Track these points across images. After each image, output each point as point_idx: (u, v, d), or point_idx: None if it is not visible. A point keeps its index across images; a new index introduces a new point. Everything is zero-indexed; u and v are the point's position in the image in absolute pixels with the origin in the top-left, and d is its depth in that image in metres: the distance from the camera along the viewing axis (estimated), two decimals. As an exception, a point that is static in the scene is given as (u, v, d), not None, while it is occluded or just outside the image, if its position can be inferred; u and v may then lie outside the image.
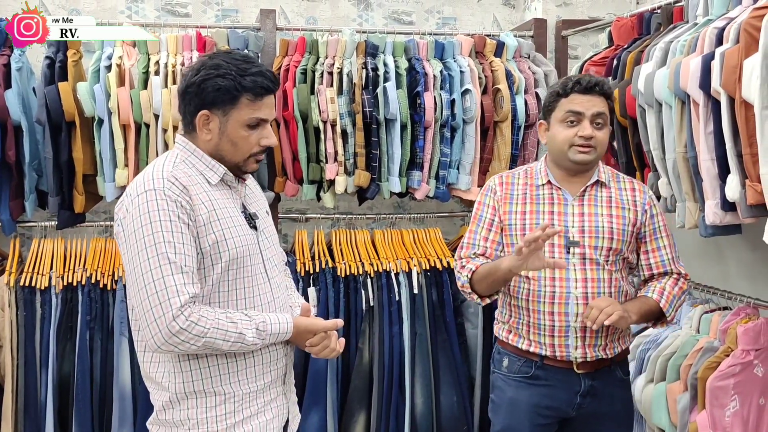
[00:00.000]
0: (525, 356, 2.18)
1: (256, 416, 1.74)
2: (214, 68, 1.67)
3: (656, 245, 2.20)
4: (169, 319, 1.57)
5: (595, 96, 2.10)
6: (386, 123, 3.09)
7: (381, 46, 3.18)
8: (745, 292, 2.53)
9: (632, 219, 2.16)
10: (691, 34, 2.35)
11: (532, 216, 2.16)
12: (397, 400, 3.20)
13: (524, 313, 2.16)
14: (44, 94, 2.85)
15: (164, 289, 1.57)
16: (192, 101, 1.70)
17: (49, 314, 2.98)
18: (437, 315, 3.28)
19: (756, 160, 1.98)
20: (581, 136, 2.08)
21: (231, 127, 1.70)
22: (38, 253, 3.10)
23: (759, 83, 1.91)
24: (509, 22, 3.82)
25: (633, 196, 2.20)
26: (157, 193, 1.61)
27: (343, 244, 3.36)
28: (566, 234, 2.12)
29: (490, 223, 2.22)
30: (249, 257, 1.73)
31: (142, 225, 1.60)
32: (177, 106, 2.84)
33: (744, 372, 2.33)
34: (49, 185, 2.92)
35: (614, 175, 2.25)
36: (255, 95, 1.69)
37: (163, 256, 1.58)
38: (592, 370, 2.15)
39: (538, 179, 2.20)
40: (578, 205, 2.16)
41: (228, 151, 1.73)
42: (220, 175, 1.73)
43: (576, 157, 2.11)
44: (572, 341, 2.11)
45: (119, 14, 3.42)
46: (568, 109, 2.10)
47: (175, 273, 1.58)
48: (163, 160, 1.72)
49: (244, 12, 3.54)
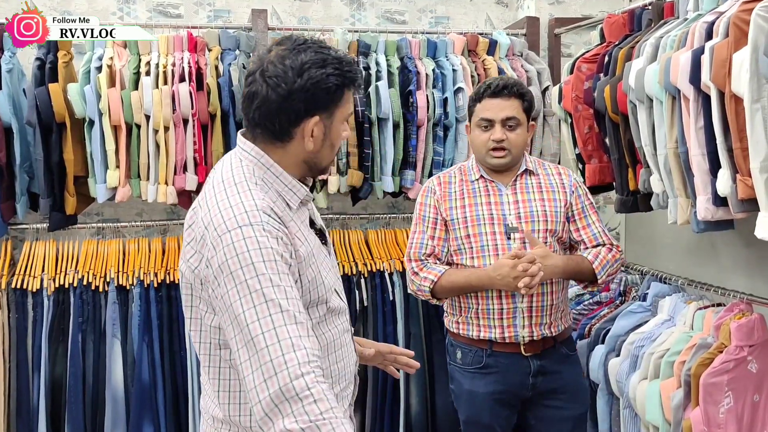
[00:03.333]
0: (476, 345, 2.33)
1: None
2: (320, 66, 1.41)
3: (586, 222, 2.37)
4: (288, 380, 1.25)
5: (504, 99, 2.25)
6: (379, 122, 3.09)
7: (373, 45, 3.18)
8: (739, 288, 2.52)
9: (563, 201, 2.34)
10: (681, 29, 2.34)
11: (471, 208, 2.32)
12: (391, 400, 3.19)
13: (473, 302, 2.31)
14: (34, 95, 2.84)
15: (278, 342, 1.27)
16: (295, 107, 1.41)
17: (41, 317, 2.97)
18: (431, 315, 3.27)
19: (746, 154, 1.97)
20: (493, 139, 2.26)
21: (335, 129, 1.47)
22: (30, 255, 3.10)
23: (748, 77, 1.90)
24: (502, 21, 3.82)
25: (560, 180, 2.38)
26: (254, 229, 1.33)
27: (336, 244, 3.36)
28: (505, 221, 2.29)
29: (434, 222, 2.36)
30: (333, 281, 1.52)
31: (242, 266, 1.31)
32: (167, 105, 2.88)
33: (738, 368, 2.31)
34: (41, 187, 2.92)
35: (540, 163, 2.43)
36: (354, 85, 1.47)
37: (274, 303, 1.30)
38: (539, 350, 2.32)
39: (471, 175, 2.37)
40: (512, 194, 2.33)
41: (326, 156, 1.50)
42: (301, 197, 1.48)
43: (491, 161, 2.30)
44: (519, 321, 2.28)
45: (111, 15, 3.41)
46: (480, 116, 2.29)
47: (289, 323, 1.29)
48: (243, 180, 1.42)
49: (236, 12, 3.54)
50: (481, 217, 2.31)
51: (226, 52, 3.07)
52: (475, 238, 2.31)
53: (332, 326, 1.54)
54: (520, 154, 2.33)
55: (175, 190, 2.96)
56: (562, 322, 2.38)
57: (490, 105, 2.27)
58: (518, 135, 2.29)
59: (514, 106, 2.27)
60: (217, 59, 3.04)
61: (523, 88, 2.33)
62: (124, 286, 3.05)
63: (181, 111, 2.91)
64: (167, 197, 2.96)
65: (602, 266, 2.32)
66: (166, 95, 2.91)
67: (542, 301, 2.30)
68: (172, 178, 2.96)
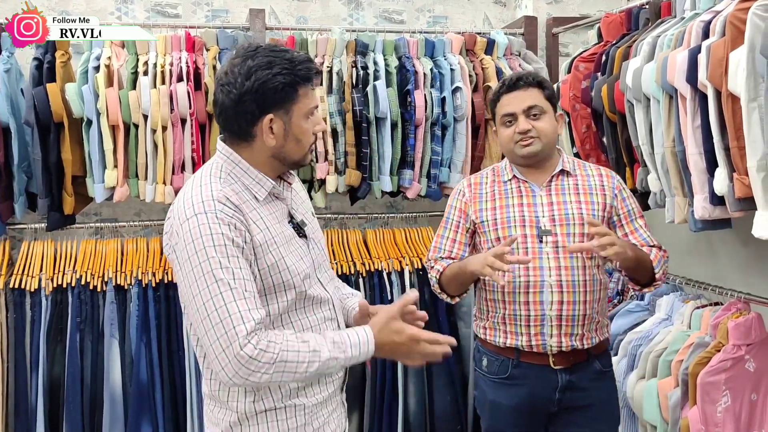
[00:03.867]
0: (502, 354, 2.20)
1: (323, 427, 1.66)
2: (267, 67, 1.52)
3: (633, 227, 2.21)
4: (237, 349, 1.44)
5: (521, 90, 2.15)
6: (376, 122, 3.09)
7: (371, 45, 3.18)
8: (737, 287, 2.52)
9: (602, 203, 2.18)
10: (678, 28, 2.35)
11: (503, 210, 2.20)
12: (390, 400, 3.19)
13: (500, 306, 2.18)
14: (32, 95, 2.84)
15: (228, 317, 1.45)
16: (249, 108, 1.54)
17: (39, 316, 2.97)
18: (430, 314, 3.22)
19: (743, 153, 1.97)
20: (518, 132, 2.14)
21: (295, 124, 1.58)
22: (28, 255, 3.10)
23: (745, 76, 1.90)
24: (500, 20, 3.82)
25: (601, 182, 2.22)
26: (208, 216, 1.49)
27: (334, 243, 3.35)
28: (537, 224, 2.14)
29: (456, 226, 2.27)
30: (306, 273, 1.62)
31: (197, 250, 1.47)
32: (165, 105, 2.89)
33: (735, 367, 2.31)
34: (39, 187, 2.91)
35: (580, 164, 2.27)
36: (309, 82, 1.59)
37: (223, 282, 1.46)
38: (569, 364, 2.16)
39: (504, 175, 2.24)
40: (546, 195, 2.18)
41: (292, 150, 1.61)
42: (268, 190, 1.60)
43: (521, 151, 2.16)
44: (547, 329, 2.12)
45: (109, 15, 3.41)
46: (502, 114, 2.18)
47: (238, 299, 1.46)
48: (208, 174, 1.58)
49: (234, 12, 3.54)
50: (513, 219, 2.17)
51: (224, 52, 3.07)
52: (505, 241, 2.13)
53: (311, 314, 1.64)
54: (551, 143, 2.18)
55: (173, 190, 2.96)
56: (597, 335, 2.19)
57: (508, 100, 2.16)
58: (545, 122, 2.15)
59: (533, 95, 2.15)
60: (215, 59, 3.04)
61: (540, 77, 2.20)
62: (122, 285, 3.05)
63: (179, 111, 2.91)
64: (165, 197, 2.96)
65: (658, 261, 2.15)
66: (164, 95, 2.91)
67: (573, 310, 2.11)
68: (170, 177, 2.96)
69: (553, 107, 2.19)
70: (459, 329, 3.35)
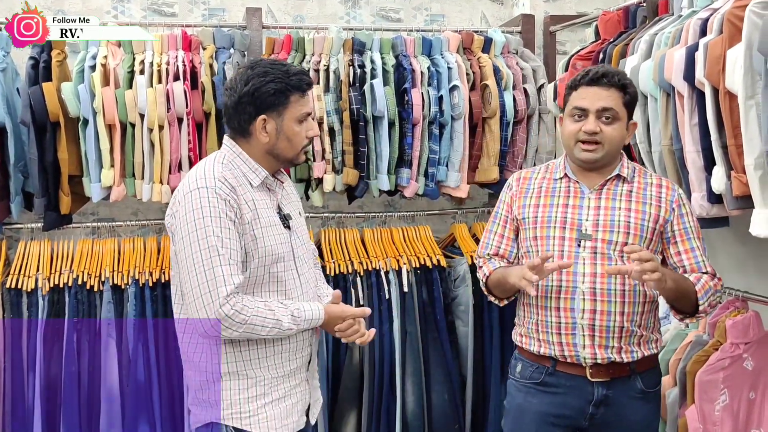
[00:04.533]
0: (538, 362, 2.11)
1: (283, 400, 1.92)
2: (263, 75, 1.84)
3: (689, 246, 2.06)
4: (217, 306, 1.74)
5: (602, 88, 2.00)
6: (374, 120, 3.08)
7: (368, 43, 3.17)
8: (735, 286, 2.51)
9: (653, 215, 2.05)
10: (675, 26, 2.34)
11: (545, 209, 2.10)
12: (388, 399, 3.19)
13: (533, 311, 2.11)
14: (28, 94, 2.83)
15: (213, 279, 1.75)
16: (246, 109, 1.86)
17: (35, 316, 2.96)
18: (427, 313, 3.26)
19: (741, 151, 1.97)
20: (585, 131, 2.01)
21: (286, 126, 1.88)
22: (25, 255, 3.09)
23: (742, 73, 1.90)
24: (497, 19, 3.81)
25: (659, 193, 2.08)
26: (208, 191, 1.79)
27: (332, 242, 3.35)
28: (579, 227, 2.04)
29: (504, 221, 2.21)
30: (283, 255, 1.90)
31: (195, 219, 1.77)
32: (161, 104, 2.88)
33: (733, 366, 2.31)
34: (35, 187, 2.90)
35: (641, 171, 2.14)
36: (302, 92, 1.89)
37: (213, 248, 1.75)
38: (608, 378, 2.04)
39: (557, 173, 2.15)
40: (595, 199, 2.07)
41: (284, 149, 1.91)
42: (262, 178, 1.90)
43: (580, 155, 2.04)
44: (579, 339, 2.02)
45: (105, 14, 3.40)
46: (574, 105, 2.05)
47: (223, 264, 1.76)
48: (212, 159, 1.89)
49: (231, 11, 3.53)
50: (553, 219, 2.07)
51: (221, 51, 3.06)
52: (542, 241, 2.08)
53: (282, 279, 1.92)
54: (614, 152, 2.06)
55: (170, 189, 2.94)
56: (641, 349, 2.05)
57: (586, 93, 2.02)
58: (615, 129, 2.02)
59: (613, 97, 2.00)
60: (212, 58, 3.03)
61: (627, 79, 2.05)
62: (119, 285, 3.04)
63: (176, 110, 2.90)
64: (162, 196, 2.95)
65: (704, 292, 2.00)
66: (160, 94, 2.90)
67: (607, 320, 2.00)
68: (167, 177, 2.95)
69: (628, 114, 2.06)
70: (457, 328, 3.34)
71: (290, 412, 1.93)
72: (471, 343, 3.29)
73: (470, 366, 3.29)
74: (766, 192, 1.92)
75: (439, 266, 3.27)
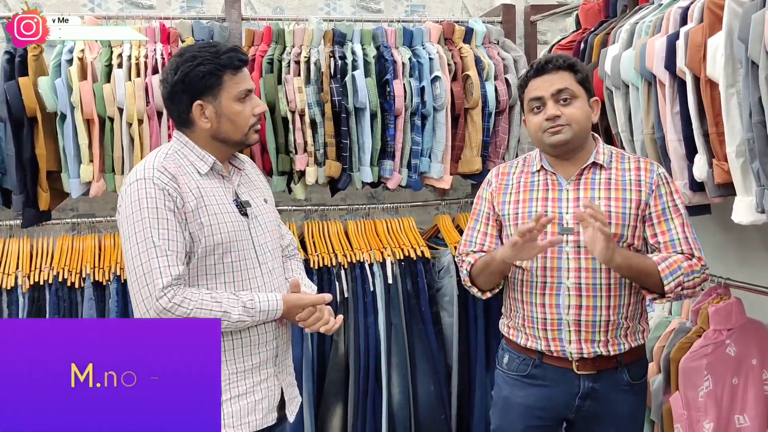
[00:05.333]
0: (524, 353, 2.10)
1: (244, 396, 1.82)
2: (191, 60, 1.79)
3: (666, 226, 2.00)
4: (153, 300, 1.69)
5: (550, 74, 2.00)
6: (356, 112, 3.06)
7: (348, 35, 3.15)
8: (717, 273, 2.53)
9: (635, 200, 2.01)
10: (656, 14, 2.35)
11: (525, 204, 2.08)
12: (373, 391, 3.18)
13: (519, 305, 2.10)
14: (4, 89, 2.78)
15: (150, 272, 1.70)
16: (182, 98, 1.82)
17: (16, 314, 2.91)
18: (412, 305, 3.26)
19: (722, 139, 1.98)
20: (546, 118, 1.99)
21: (225, 107, 1.82)
22: (3, 252, 3.04)
23: (723, 62, 1.91)
24: (478, 9, 3.80)
25: (638, 176, 2.03)
26: (146, 182, 1.74)
27: (315, 235, 3.33)
28: (560, 221, 2.01)
29: (487, 218, 2.17)
30: (237, 243, 1.82)
31: (133, 212, 1.73)
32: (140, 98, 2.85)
33: (716, 352, 2.33)
34: (13, 183, 2.85)
35: (618, 155, 2.09)
36: (235, 69, 1.82)
37: (149, 240, 1.70)
38: (595, 371, 2.03)
39: (533, 165, 2.12)
40: (573, 190, 2.04)
41: (229, 131, 1.84)
42: (210, 165, 1.85)
43: (550, 140, 2.01)
44: (565, 335, 2.01)
45: (81, 7, 3.35)
46: (529, 98, 2.04)
47: (159, 256, 1.70)
48: (156, 152, 1.85)
49: (209, 3, 3.49)
50: (534, 213, 2.01)
51: (200, 43, 3.02)
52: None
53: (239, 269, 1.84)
54: (583, 132, 2.02)
55: (150, 184, 2.91)
56: (628, 341, 2.04)
57: (537, 84, 2.01)
58: (576, 108, 1.99)
59: (563, 78, 1.99)
60: (191, 50, 2.99)
61: (572, 59, 2.04)
62: (100, 281, 3.00)
63: (155, 103, 2.87)
64: (143, 191, 2.91)
65: (671, 271, 1.92)
66: (139, 87, 2.86)
67: (593, 315, 1.99)
68: (147, 171, 2.92)
69: (586, 91, 2.03)
70: (442, 319, 3.34)
71: (252, 410, 1.83)
72: (456, 334, 3.29)
73: (455, 356, 3.30)
74: (747, 179, 1.93)
75: (423, 257, 3.26)
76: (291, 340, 2.01)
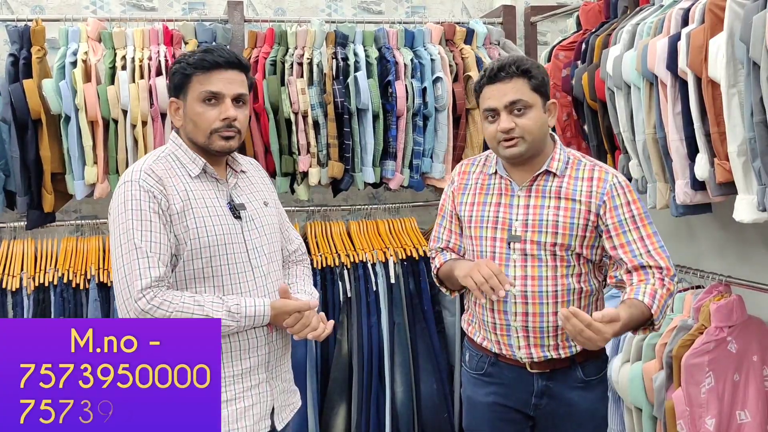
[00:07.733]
0: (481, 351, 2.10)
1: (233, 402, 1.76)
2: (176, 63, 1.82)
3: (624, 239, 1.91)
4: (132, 302, 1.66)
5: (503, 83, 1.90)
6: (358, 113, 3.08)
7: (350, 36, 3.17)
8: (717, 271, 2.56)
9: (584, 211, 1.93)
10: (657, 15, 2.37)
11: (479, 208, 2.04)
12: (377, 390, 3.21)
13: (474, 307, 2.10)
14: (9, 92, 2.79)
15: (131, 273, 1.67)
16: (168, 96, 1.86)
17: (21, 316, 2.93)
18: (415, 304, 3.28)
19: (724, 138, 2.01)
20: (500, 130, 1.91)
21: (189, 107, 1.80)
22: (8, 254, 3.05)
23: (725, 62, 1.93)
24: (478, 10, 3.82)
25: (589, 187, 1.94)
26: (132, 185, 1.73)
27: (318, 236, 3.35)
28: (509, 228, 1.97)
29: (450, 215, 2.15)
30: (226, 246, 1.78)
31: (118, 214, 1.72)
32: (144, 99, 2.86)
33: (718, 349, 2.36)
34: (17, 185, 2.87)
35: (575, 162, 2.00)
36: (204, 69, 1.77)
37: (132, 242, 1.68)
38: (548, 369, 2.01)
39: (490, 167, 2.07)
40: (524, 197, 1.98)
41: (191, 131, 1.81)
42: (200, 167, 1.82)
43: (504, 153, 1.94)
44: (514, 341, 1.99)
45: (84, 9, 3.36)
46: (484, 107, 1.96)
47: (140, 257, 1.67)
48: (150, 154, 1.85)
49: (211, 5, 3.51)
50: (486, 219, 2.00)
51: (203, 45, 3.03)
52: (476, 241, 2.03)
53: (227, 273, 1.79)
54: (538, 141, 1.94)
55: (154, 186, 2.92)
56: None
57: (490, 92, 1.92)
58: (530, 119, 1.90)
59: (516, 87, 1.89)
60: (194, 52, 3.01)
61: (526, 63, 1.92)
62: (105, 283, 3.02)
63: (159, 105, 2.88)
64: (147, 193, 2.93)
65: (660, 309, 1.86)
66: (143, 89, 2.88)
67: (540, 321, 1.96)
68: (151, 173, 2.93)
69: (542, 97, 1.93)
70: (444, 318, 3.37)
71: (241, 416, 1.77)
72: (458, 333, 3.32)
73: (458, 355, 3.32)
74: (748, 178, 1.96)
75: (425, 257, 3.28)
76: (289, 345, 1.95)
